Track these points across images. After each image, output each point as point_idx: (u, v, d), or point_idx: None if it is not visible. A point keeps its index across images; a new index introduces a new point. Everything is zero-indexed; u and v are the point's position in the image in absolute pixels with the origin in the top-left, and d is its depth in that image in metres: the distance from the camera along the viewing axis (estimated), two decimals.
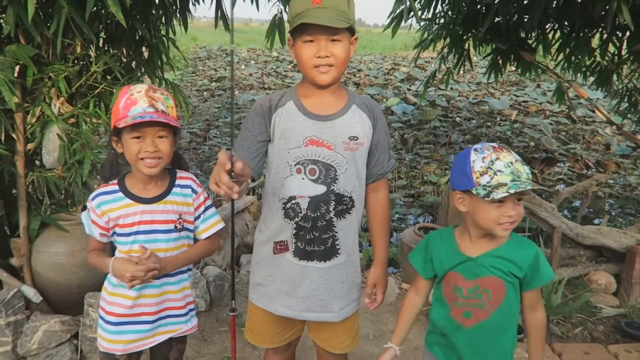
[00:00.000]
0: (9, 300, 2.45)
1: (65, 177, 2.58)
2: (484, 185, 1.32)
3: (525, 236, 4.25)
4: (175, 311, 1.67)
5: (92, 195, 1.57)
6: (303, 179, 1.56)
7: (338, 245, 1.61)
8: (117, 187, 1.57)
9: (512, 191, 1.27)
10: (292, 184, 1.57)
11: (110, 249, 1.66)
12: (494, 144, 1.36)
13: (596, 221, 5.52)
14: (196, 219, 1.64)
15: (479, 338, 1.45)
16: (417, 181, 6.55)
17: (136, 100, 1.45)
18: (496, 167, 1.31)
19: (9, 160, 2.54)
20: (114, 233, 1.58)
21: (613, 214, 5.82)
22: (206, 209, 1.66)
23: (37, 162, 2.70)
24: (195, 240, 1.69)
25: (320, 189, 1.56)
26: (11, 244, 2.66)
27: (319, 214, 1.57)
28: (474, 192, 1.33)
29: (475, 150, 1.37)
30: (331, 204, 1.57)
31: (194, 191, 1.63)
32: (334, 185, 1.57)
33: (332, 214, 1.58)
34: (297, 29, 1.47)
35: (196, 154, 7.54)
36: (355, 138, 1.58)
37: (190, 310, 1.73)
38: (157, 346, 1.69)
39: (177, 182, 1.62)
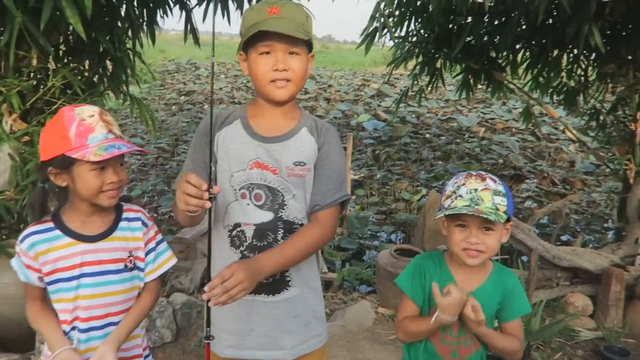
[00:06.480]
0: None
1: (18, 200, 2.37)
2: (445, 209, 1.34)
3: (499, 258, 4.21)
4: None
5: (21, 237, 1.35)
6: (248, 204, 1.43)
7: (288, 277, 1.47)
8: (52, 225, 1.37)
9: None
10: (237, 209, 1.44)
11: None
12: (478, 172, 1.36)
13: (564, 237, 5.59)
14: (147, 254, 1.46)
15: None
16: (389, 198, 6.50)
17: (92, 127, 1.29)
18: (459, 192, 1.33)
19: None
20: (53, 280, 1.37)
21: (579, 229, 5.91)
22: (158, 243, 1.50)
23: None
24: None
25: (267, 216, 1.43)
26: None
27: (265, 243, 1.43)
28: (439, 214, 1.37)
29: (457, 176, 1.39)
30: (279, 233, 1.44)
31: (144, 224, 1.46)
32: (281, 212, 1.44)
33: (280, 244, 1.44)
34: (251, 40, 1.36)
35: (163, 169, 7.31)
36: (302, 164, 1.44)
37: (148, 353, 1.56)
38: None
39: (125, 215, 1.44)
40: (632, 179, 3.86)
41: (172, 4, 3.21)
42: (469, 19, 4.11)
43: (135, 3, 2.90)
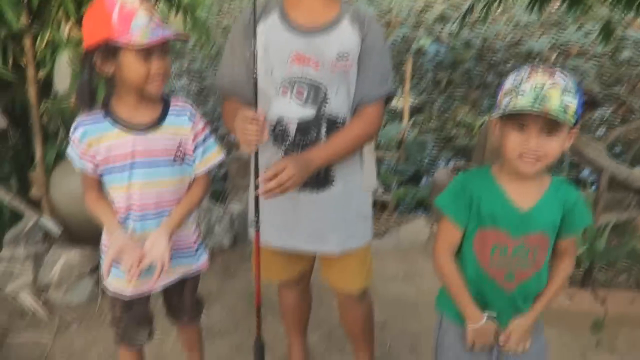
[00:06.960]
0: (28, 231, 2.42)
1: None
2: (503, 108, 1.15)
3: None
4: (182, 250, 1.54)
5: (74, 125, 1.38)
6: (290, 100, 1.41)
7: (332, 173, 1.47)
8: (102, 115, 1.38)
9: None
10: (278, 105, 1.42)
11: None
12: (544, 66, 1.16)
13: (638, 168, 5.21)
14: (195, 148, 1.47)
15: (520, 300, 1.30)
16: (450, 123, 6.26)
17: (135, 12, 1.26)
18: (522, 87, 1.13)
19: (21, 89, 2.43)
20: (106, 170, 1.41)
21: None
22: (205, 138, 1.49)
23: (52, 91, 2.58)
24: None
25: (309, 112, 1.41)
26: (31, 175, 2.59)
27: (308, 140, 1.42)
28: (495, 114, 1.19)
29: (519, 69, 1.19)
30: (323, 128, 1.42)
31: (191, 117, 1.45)
32: (324, 108, 1.41)
33: (323, 140, 1.42)
34: None
35: None
36: (346, 55, 1.38)
37: (199, 245, 1.61)
38: (169, 286, 1.59)
39: (172, 107, 1.44)
40: None
41: None
42: None
43: None
